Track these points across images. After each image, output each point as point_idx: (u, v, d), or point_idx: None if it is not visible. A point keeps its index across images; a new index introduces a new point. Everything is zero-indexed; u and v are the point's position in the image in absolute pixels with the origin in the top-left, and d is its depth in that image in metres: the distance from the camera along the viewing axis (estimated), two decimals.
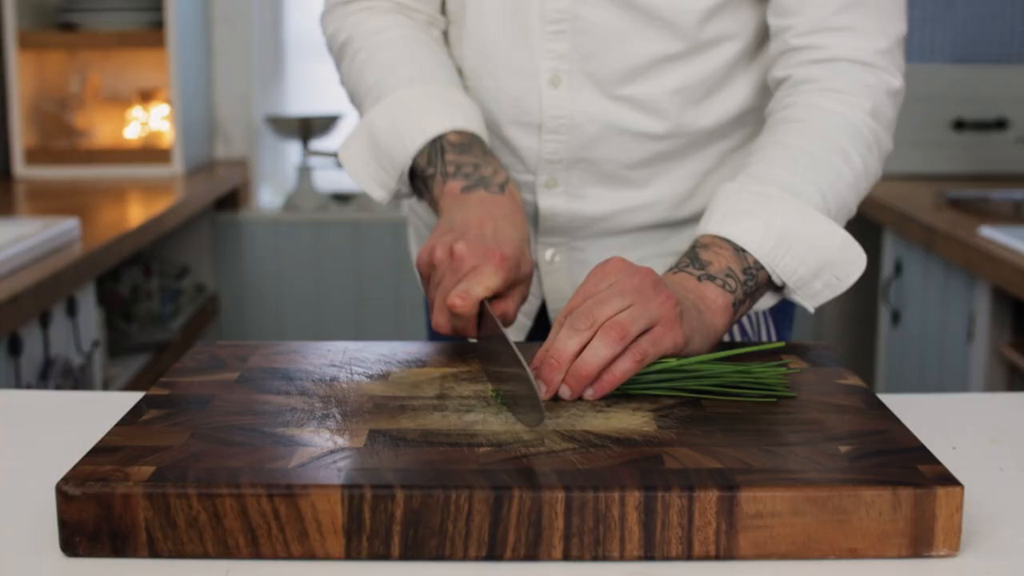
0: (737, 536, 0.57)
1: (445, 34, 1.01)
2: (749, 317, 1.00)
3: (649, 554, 0.57)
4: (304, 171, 2.93)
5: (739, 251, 0.81)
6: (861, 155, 0.87)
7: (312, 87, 3.07)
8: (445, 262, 0.79)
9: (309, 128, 2.86)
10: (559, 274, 1.01)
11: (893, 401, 0.80)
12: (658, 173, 0.96)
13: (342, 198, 3.00)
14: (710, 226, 0.83)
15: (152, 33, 2.58)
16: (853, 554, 0.58)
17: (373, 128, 0.91)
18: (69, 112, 2.67)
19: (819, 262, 0.83)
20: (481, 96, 0.97)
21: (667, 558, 0.57)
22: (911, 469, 0.60)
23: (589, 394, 0.71)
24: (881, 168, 0.91)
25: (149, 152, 2.64)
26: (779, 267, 0.82)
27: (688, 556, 0.57)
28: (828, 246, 0.83)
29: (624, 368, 0.71)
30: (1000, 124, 2.53)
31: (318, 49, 3.05)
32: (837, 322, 2.78)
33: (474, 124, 0.89)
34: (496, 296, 0.80)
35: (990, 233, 1.76)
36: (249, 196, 2.97)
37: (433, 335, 1.15)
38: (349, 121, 2.99)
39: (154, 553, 0.57)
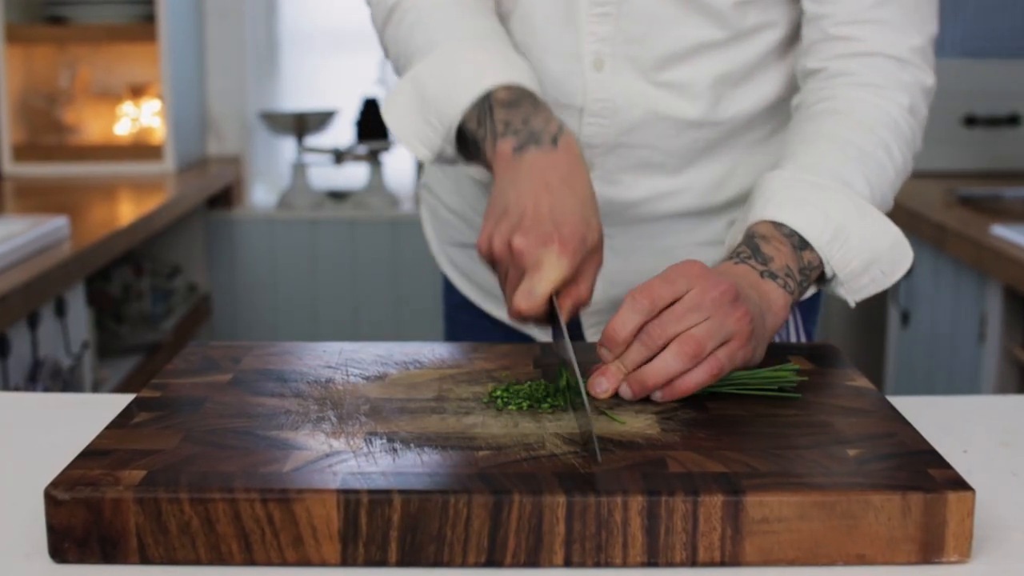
0: (743, 542, 0.56)
1: None
2: None
3: (652, 560, 0.57)
4: (299, 168, 2.91)
5: (796, 249, 0.81)
6: (901, 151, 0.88)
7: (307, 82, 3.05)
8: (507, 257, 0.77)
9: (304, 124, 2.85)
10: None
11: (903, 403, 0.79)
12: (692, 161, 0.96)
13: (338, 196, 2.99)
14: (768, 212, 0.82)
15: (143, 27, 2.57)
16: (862, 560, 0.57)
17: (420, 81, 0.86)
18: (58, 108, 2.65)
19: (870, 256, 0.83)
20: None
21: (671, 564, 0.57)
22: (921, 473, 0.59)
23: (658, 396, 0.71)
24: (912, 165, 0.91)
25: (140, 149, 2.62)
26: (834, 259, 0.82)
27: (693, 562, 0.57)
28: (880, 241, 0.84)
29: (698, 379, 0.70)
30: (1012, 120, 2.51)
31: (313, 43, 3.05)
32: (845, 323, 2.77)
33: (526, 78, 0.86)
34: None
35: (1002, 232, 1.75)
36: (242, 194, 2.96)
37: (452, 333, 1.14)
38: (344, 117, 2.98)
39: (145, 559, 0.57)
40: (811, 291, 0.85)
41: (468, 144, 0.87)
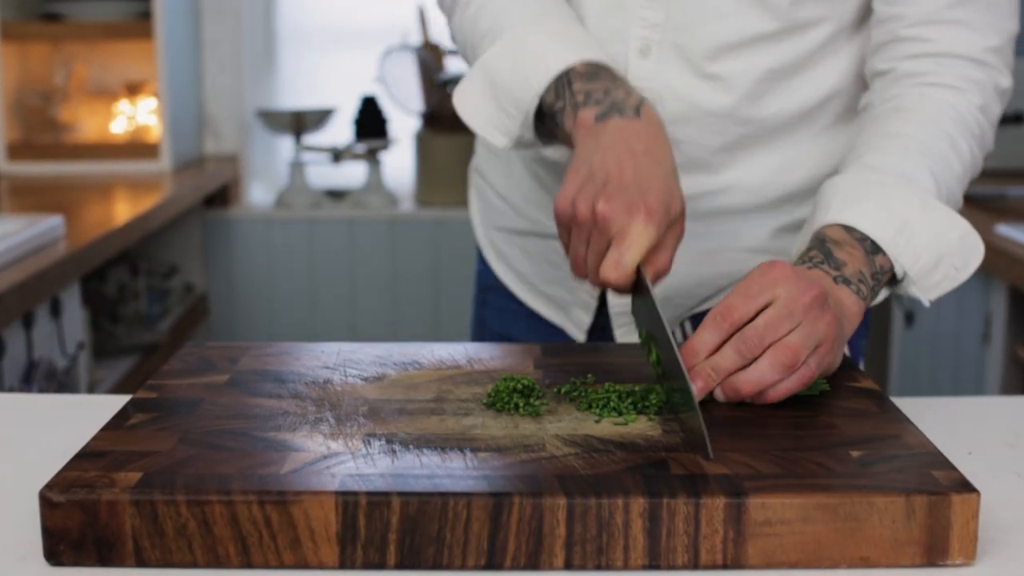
0: (745, 544, 0.56)
1: None
2: None
3: (654, 563, 0.56)
4: (297, 167, 2.91)
5: (869, 254, 0.79)
6: (969, 145, 0.86)
7: (305, 80, 3.04)
8: (589, 221, 0.75)
9: (302, 123, 2.84)
10: None
11: (907, 404, 0.79)
12: (737, 158, 0.94)
13: (336, 195, 2.98)
14: (830, 215, 0.81)
15: (139, 24, 2.56)
16: (865, 563, 0.56)
17: (490, 69, 0.85)
18: (53, 106, 2.64)
19: (939, 251, 0.81)
20: None
21: (672, 567, 0.56)
22: (925, 475, 0.59)
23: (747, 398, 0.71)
24: (983, 164, 0.90)
25: (136, 147, 2.61)
26: (902, 256, 0.80)
27: (694, 565, 0.56)
28: (948, 234, 0.81)
29: (790, 388, 0.70)
30: (1018, 119, 2.50)
31: (312, 41, 3.04)
32: None
33: (600, 55, 0.85)
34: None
35: (1007, 232, 1.74)
36: (240, 193, 2.95)
37: (480, 313, 1.12)
38: (343, 115, 2.97)
39: (141, 562, 0.56)
40: (883, 295, 0.84)
41: (545, 122, 0.85)
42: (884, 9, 0.90)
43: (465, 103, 0.87)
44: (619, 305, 0.99)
